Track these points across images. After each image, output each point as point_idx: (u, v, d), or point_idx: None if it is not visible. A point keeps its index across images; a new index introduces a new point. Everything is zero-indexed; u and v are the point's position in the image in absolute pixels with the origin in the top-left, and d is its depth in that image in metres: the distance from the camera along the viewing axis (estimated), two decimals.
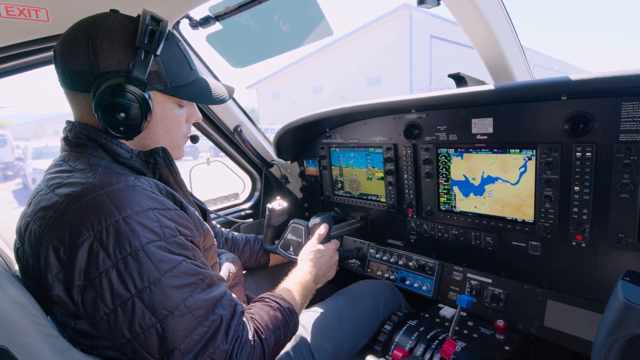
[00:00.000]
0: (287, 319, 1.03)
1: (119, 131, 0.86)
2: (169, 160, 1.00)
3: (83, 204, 0.76)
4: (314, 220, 1.59)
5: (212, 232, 1.06)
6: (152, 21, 0.86)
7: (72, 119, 0.95)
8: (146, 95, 0.86)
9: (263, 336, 0.93)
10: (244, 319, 0.91)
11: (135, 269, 0.74)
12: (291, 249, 1.66)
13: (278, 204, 1.68)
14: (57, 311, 0.81)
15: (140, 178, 0.87)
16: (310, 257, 1.40)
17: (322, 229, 1.51)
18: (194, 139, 1.15)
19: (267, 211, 1.69)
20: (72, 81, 0.87)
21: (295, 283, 1.24)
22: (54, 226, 0.76)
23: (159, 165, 0.98)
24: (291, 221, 1.72)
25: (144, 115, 0.87)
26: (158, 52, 0.86)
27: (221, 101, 1.04)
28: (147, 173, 0.96)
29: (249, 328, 0.90)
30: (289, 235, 1.69)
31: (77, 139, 0.91)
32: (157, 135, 0.97)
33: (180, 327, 0.76)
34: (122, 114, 0.84)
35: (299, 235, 1.66)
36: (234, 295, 0.94)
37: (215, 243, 1.09)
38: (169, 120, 0.97)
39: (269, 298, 1.08)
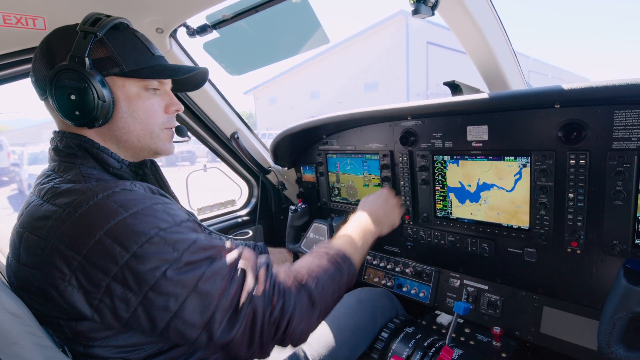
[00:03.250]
0: (337, 265, 1.00)
1: (75, 116, 0.86)
2: (157, 172, 1.03)
3: (87, 209, 0.76)
4: (337, 219, 1.63)
5: None
6: (102, 15, 0.89)
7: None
8: (94, 75, 0.85)
9: (304, 282, 0.90)
10: (273, 270, 0.90)
11: (155, 254, 0.75)
12: (314, 248, 1.73)
13: (299, 206, 1.72)
14: (60, 317, 0.79)
15: (135, 183, 0.88)
16: (365, 202, 1.43)
17: None
18: (180, 131, 1.12)
19: (289, 212, 1.72)
20: (42, 88, 0.90)
21: (348, 229, 1.22)
22: (57, 233, 0.75)
23: (148, 177, 1.00)
24: (313, 221, 1.79)
25: (96, 95, 0.86)
26: (100, 34, 0.86)
27: (182, 73, 0.98)
28: None
29: (285, 277, 0.89)
30: (312, 235, 1.76)
31: (68, 149, 0.91)
32: (127, 124, 0.94)
33: (212, 288, 0.77)
34: (72, 96, 0.84)
35: (322, 234, 1.72)
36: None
37: None
38: (137, 107, 0.94)
39: (315, 249, 1.07)
